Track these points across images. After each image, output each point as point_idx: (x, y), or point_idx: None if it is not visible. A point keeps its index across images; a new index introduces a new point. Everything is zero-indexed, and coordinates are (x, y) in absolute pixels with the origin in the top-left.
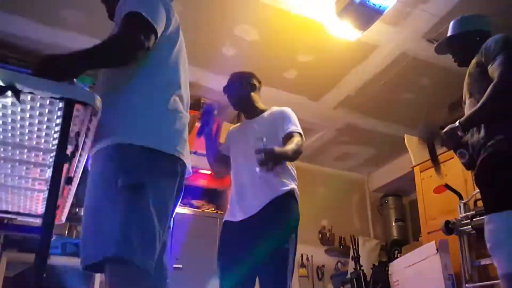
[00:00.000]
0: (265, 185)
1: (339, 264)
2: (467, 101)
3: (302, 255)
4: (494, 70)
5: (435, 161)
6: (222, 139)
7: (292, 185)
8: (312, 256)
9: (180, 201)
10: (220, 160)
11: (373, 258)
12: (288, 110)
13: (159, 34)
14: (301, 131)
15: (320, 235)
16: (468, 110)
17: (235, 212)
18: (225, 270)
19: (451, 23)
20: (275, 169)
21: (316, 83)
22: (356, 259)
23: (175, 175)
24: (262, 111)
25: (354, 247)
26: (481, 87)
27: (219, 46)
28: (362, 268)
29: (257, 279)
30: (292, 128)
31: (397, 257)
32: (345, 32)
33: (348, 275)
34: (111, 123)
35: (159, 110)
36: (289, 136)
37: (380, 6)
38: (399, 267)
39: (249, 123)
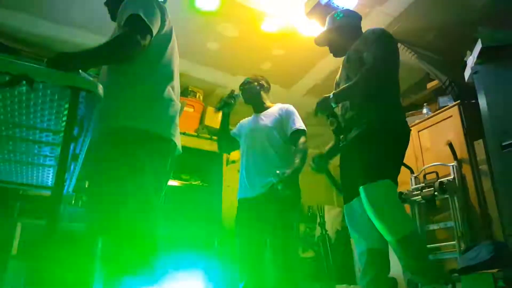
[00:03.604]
0: (271, 166)
1: (307, 229)
2: (344, 84)
3: None
4: (368, 56)
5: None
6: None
7: None
8: None
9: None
10: (227, 139)
11: (337, 224)
12: (291, 107)
13: (154, 34)
14: (304, 127)
15: None
16: None
17: (247, 190)
18: (245, 251)
19: (328, 18)
20: (279, 152)
21: (288, 73)
22: (322, 224)
23: (168, 154)
24: (268, 107)
25: (320, 214)
26: (358, 71)
27: (204, 41)
28: (327, 232)
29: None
30: (297, 125)
31: None
32: (312, 29)
33: (316, 239)
34: (115, 110)
35: (156, 99)
36: (296, 134)
37: (343, 8)
38: None
39: (258, 116)
